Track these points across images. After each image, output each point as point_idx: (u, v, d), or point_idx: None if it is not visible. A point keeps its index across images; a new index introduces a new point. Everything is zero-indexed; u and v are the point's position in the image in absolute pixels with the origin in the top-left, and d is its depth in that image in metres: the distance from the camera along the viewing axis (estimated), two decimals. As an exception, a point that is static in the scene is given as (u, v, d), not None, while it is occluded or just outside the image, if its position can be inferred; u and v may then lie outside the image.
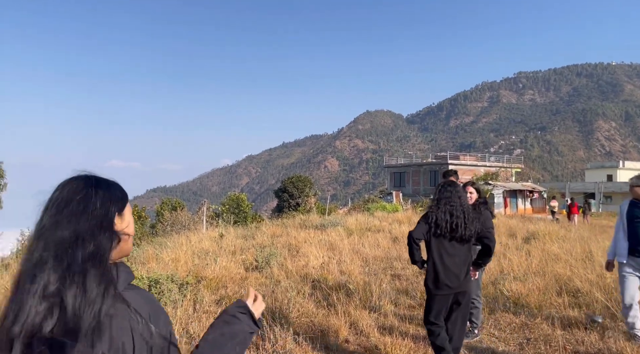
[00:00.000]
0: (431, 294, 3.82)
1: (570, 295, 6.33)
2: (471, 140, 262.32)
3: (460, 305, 3.85)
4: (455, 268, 3.76)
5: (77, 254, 1.06)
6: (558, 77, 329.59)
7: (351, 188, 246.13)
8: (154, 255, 8.40)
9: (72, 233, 1.08)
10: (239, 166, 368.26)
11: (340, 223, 15.25)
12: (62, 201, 1.13)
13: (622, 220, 4.87)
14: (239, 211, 26.50)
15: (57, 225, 1.09)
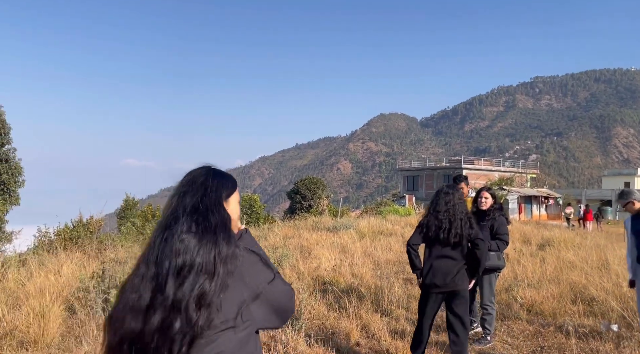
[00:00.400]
0: (422, 292, 4.05)
1: (586, 304, 6.25)
2: (486, 144, 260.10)
3: (454, 310, 3.94)
4: (445, 268, 3.88)
5: (211, 221, 1.51)
6: (576, 83, 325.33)
7: (364, 191, 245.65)
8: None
9: (196, 203, 1.53)
10: (252, 167, 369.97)
11: (353, 225, 15.24)
12: (189, 181, 1.61)
13: (629, 236, 4.80)
14: (251, 212, 26.60)
15: (185, 195, 1.56)
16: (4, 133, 24.51)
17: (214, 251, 1.45)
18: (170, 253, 1.44)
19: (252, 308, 1.48)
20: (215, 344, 1.41)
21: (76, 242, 8.81)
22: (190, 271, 1.42)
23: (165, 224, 1.52)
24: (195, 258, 1.43)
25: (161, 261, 1.44)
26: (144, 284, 1.43)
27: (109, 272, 5.17)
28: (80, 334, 4.49)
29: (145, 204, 21.89)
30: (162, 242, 1.46)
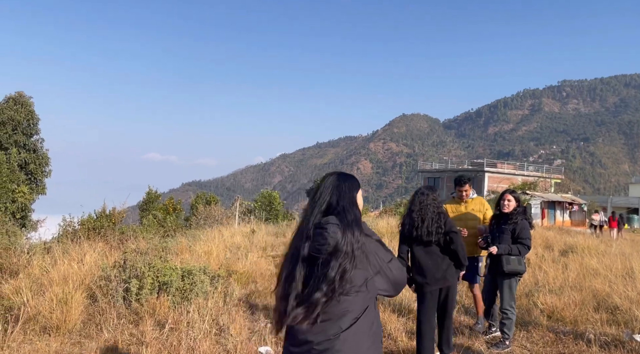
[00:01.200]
0: (417, 294, 4.26)
1: (609, 312, 6.10)
2: (510, 148, 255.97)
3: (446, 304, 4.23)
4: (432, 265, 4.09)
5: (348, 217, 2.02)
6: (605, 87, 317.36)
7: (383, 192, 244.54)
8: (187, 246, 8.59)
9: (335, 202, 2.07)
10: (273, 164, 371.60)
11: (371, 226, 15.19)
12: (327, 185, 2.12)
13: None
14: (270, 209, 26.76)
15: (325, 195, 2.09)
16: (33, 124, 25.18)
17: (353, 240, 1.96)
18: (323, 240, 1.97)
19: (375, 279, 1.99)
20: (345, 304, 1.94)
21: (99, 232, 9.00)
22: (337, 255, 1.93)
23: (309, 218, 2.07)
24: (341, 245, 1.94)
25: (312, 246, 1.98)
26: (298, 262, 1.97)
27: (130, 262, 5.26)
28: (101, 322, 4.58)
29: (166, 198, 22.22)
30: (314, 231, 2.01)
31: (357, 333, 1.97)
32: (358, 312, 1.97)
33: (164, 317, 4.74)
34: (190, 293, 5.12)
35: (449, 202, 5.52)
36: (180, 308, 4.86)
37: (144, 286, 4.98)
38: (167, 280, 5.10)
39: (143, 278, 5.03)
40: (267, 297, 6.26)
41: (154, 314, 4.78)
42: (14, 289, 4.91)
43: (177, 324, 4.53)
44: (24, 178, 22.84)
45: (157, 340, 4.17)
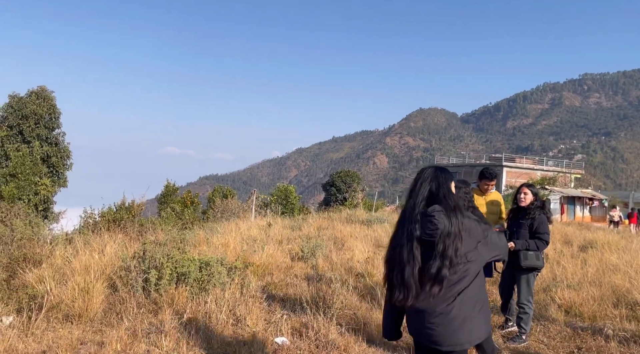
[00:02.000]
0: None
1: (628, 308, 6.01)
2: (529, 142, 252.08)
3: None
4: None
5: (450, 203, 2.46)
6: (628, 80, 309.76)
7: (399, 186, 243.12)
8: (205, 238, 8.70)
9: (436, 191, 2.51)
10: (289, 158, 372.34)
11: (387, 219, 15.15)
12: (426, 177, 2.56)
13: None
14: (286, 203, 26.86)
15: (425, 185, 2.53)
16: (55, 117, 25.67)
17: (458, 222, 2.40)
18: (433, 227, 2.39)
19: (479, 250, 2.46)
20: (458, 274, 2.40)
21: (119, 224, 9.16)
22: (449, 237, 2.37)
23: (414, 205, 2.51)
24: (450, 228, 2.38)
25: (423, 231, 2.42)
26: (414, 244, 2.44)
27: (149, 253, 5.36)
28: (122, 311, 4.69)
29: (184, 191, 22.48)
30: (421, 217, 2.45)
31: (469, 297, 2.43)
32: (468, 280, 2.44)
33: (182, 307, 4.83)
34: (207, 284, 5.20)
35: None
36: (198, 299, 4.94)
37: (163, 277, 5.07)
38: (185, 270, 5.18)
39: (162, 268, 5.12)
40: (283, 289, 6.32)
41: (172, 304, 4.87)
42: (37, 278, 5.04)
43: (195, 314, 4.61)
44: (46, 171, 23.32)
45: (175, 329, 4.25)
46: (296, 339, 4.44)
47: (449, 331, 2.38)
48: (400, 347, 4.44)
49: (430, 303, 2.40)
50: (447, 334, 2.38)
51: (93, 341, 4.05)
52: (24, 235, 6.41)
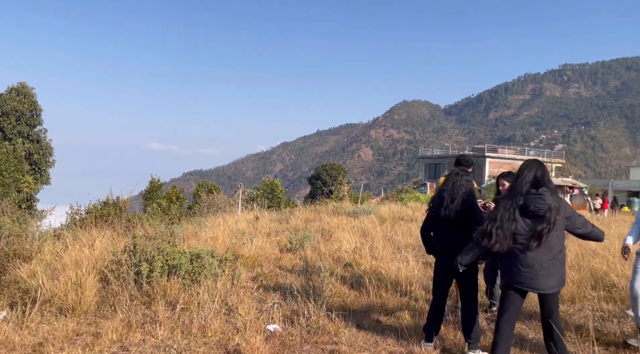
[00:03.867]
0: (436, 267, 4.36)
1: (606, 290, 6.26)
2: (511, 133, 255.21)
3: (463, 287, 4.23)
4: (447, 241, 4.15)
5: (551, 187, 3.61)
6: (606, 71, 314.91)
7: (384, 179, 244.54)
8: (193, 232, 8.76)
9: (540, 176, 3.59)
10: (273, 152, 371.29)
11: (373, 211, 15.35)
12: (530, 167, 3.62)
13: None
14: (272, 197, 26.94)
15: (531, 171, 3.60)
16: (36, 114, 25.28)
17: (558, 200, 3.51)
18: (543, 202, 3.47)
19: (567, 223, 3.62)
20: (554, 239, 3.50)
21: (106, 220, 9.16)
22: (552, 210, 3.44)
23: (521, 187, 3.55)
24: (553, 204, 3.46)
25: (534, 205, 3.49)
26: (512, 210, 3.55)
27: (140, 247, 5.42)
28: (115, 303, 4.76)
29: (168, 187, 22.39)
30: (530, 195, 3.52)
31: (561, 259, 3.61)
32: (561, 246, 3.60)
33: (174, 298, 4.92)
34: (199, 275, 5.29)
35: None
36: (190, 290, 5.03)
37: (155, 269, 5.15)
38: (176, 263, 5.26)
39: (153, 261, 5.19)
40: (273, 279, 6.44)
41: (165, 296, 4.95)
42: (29, 273, 5.08)
43: (187, 304, 4.71)
44: (28, 169, 23.01)
45: (169, 319, 4.34)
46: (288, 326, 4.56)
47: (548, 279, 3.53)
48: (389, 329, 4.60)
49: (538, 259, 3.48)
50: (547, 282, 3.53)
51: (88, 332, 4.12)
52: (12, 231, 6.41)
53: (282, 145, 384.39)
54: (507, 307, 3.67)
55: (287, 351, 3.97)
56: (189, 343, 3.97)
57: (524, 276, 3.54)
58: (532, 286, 3.55)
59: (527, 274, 3.52)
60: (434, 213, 4.23)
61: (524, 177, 3.54)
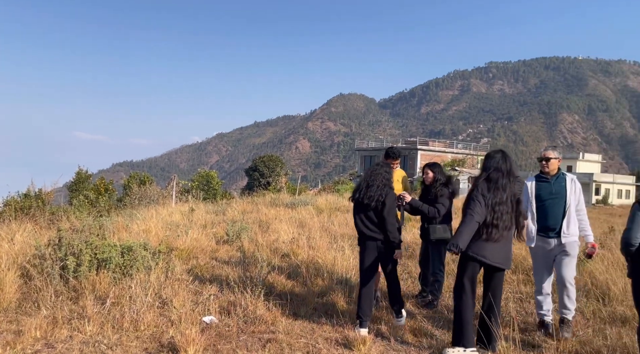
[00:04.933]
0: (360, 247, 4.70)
1: (524, 273, 6.75)
2: (441, 127, 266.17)
3: (387, 263, 4.56)
4: (365, 223, 4.51)
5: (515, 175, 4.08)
6: (527, 69, 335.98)
7: (322, 171, 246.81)
8: (124, 225, 8.42)
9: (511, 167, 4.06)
10: (209, 143, 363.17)
11: (311, 202, 15.48)
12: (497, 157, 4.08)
13: (530, 200, 4.56)
14: (208, 188, 26.40)
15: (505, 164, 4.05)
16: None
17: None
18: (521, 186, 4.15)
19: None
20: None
21: (27, 213, 8.58)
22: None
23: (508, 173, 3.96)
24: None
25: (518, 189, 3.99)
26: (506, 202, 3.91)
27: (65, 240, 5.14)
28: (38, 300, 4.49)
29: (97, 178, 21.29)
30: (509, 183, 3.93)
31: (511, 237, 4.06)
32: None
33: (104, 293, 4.72)
34: (131, 268, 5.11)
35: None
36: (121, 284, 4.85)
37: (82, 264, 4.91)
38: (106, 256, 5.05)
39: (81, 255, 4.94)
40: (209, 271, 6.35)
41: (94, 291, 4.74)
42: (-62, 271, 4.67)
43: (118, 298, 4.54)
44: None
45: (99, 314, 4.17)
46: (224, 317, 4.53)
47: (508, 256, 3.96)
48: (325, 316, 4.69)
49: (504, 240, 3.88)
50: (507, 258, 3.95)
51: (9, 330, 3.87)
52: None
53: (218, 136, 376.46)
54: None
55: (224, 341, 3.95)
56: (120, 338, 3.84)
57: (494, 253, 3.91)
58: (497, 261, 3.90)
59: (497, 250, 3.91)
60: (353, 199, 4.61)
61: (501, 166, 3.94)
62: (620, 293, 5.35)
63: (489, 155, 4.13)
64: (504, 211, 3.86)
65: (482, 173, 4.05)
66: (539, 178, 4.62)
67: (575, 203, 4.47)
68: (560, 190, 4.48)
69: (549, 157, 4.53)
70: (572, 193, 4.46)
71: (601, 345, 4.07)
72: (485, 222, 3.84)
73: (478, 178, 4.04)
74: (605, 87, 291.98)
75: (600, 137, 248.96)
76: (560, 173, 4.58)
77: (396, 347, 4.03)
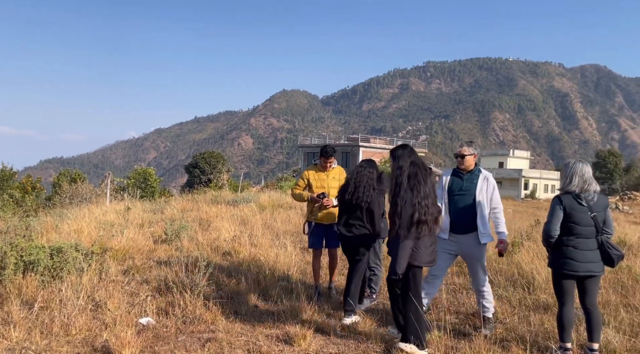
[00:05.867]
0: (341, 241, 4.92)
1: (458, 266, 7.06)
2: (382, 124, 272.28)
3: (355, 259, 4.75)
4: (351, 221, 4.65)
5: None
6: (462, 69, 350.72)
7: (265, 167, 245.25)
8: (53, 225, 7.99)
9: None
10: (147, 139, 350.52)
11: (253, 199, 15.36)
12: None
13: (443, 194, 4.59)
14: (146, 186, 25.48)
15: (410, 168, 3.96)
16: None
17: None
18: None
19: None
20: None
21: (-58, 214, 7.91)
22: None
23: (417, 170, 3.88)
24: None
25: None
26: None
27: (-13, 242, 4.81)
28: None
29: (23, 176, 20.00)
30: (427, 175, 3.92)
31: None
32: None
33: (32, 297, 4.47)
34: (61, 271, 4.86)
35: (311, 168, 5.74)
36: (51, 287, 4.61)
37: (7, 267, 4.62)
38: (33, 258, 4.78)
39: (5, 258, 4.65)
40: (146, 272, 6.16)
41: (20, 295, 4.48)
42: None
43: (48, 302, 4.32)
44: None
45: (26, 319, 3.95)
46: (162, 318, 4.43)
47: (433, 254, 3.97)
48: (266, 314, 4.71)
49: (432, 236, 3.92)
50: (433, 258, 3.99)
51: None
52: None
53: (156, 132, 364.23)
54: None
55: (161, 342, 3.87)
56: (49, 343, 3.66)
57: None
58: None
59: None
60: (342, 200, 4.69)
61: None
62: (544, 282, 5.73)
63: (399, 153, 3.99)
64: (430, 204, 3.81)
65: (397, 171, 3.90)
66: (455, 172, 4.63)
67: (486, 200, 4.43)
68: (471, 186, 4.46)
69: (463, 154, 4.51)
70: (481, 191, 4.42)
71: (525, 331, 4.36)
72: (413, 220, 3.76)
73: (397, 177, 3.87)
74: (533, 87, 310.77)
75: (528, 134, 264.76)
76: (476, 170, 4.55)
77: (335, 341, 4.12)
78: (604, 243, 3.75)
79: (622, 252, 3.81)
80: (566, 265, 3.77)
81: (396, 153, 4.00)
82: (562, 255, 3.79)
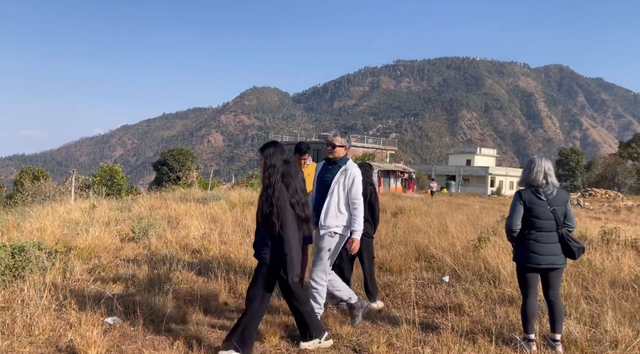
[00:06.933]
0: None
1: (427, 261, 7.21)
2: (353, 122, 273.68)
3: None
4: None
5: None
6: (431, 68, 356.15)
7: (235, 165, 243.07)
8: (15, 224, 7.71)
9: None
10: (113, 136, 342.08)
11: (223, 197, 15.21)
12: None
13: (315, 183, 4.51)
14: (112, 184, 24.90)
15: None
16: None
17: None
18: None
19: None
20: None
21: None
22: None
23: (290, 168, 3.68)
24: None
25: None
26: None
27: (-57, 242, 4.61)
28: None
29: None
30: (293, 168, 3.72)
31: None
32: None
33: (-8, 298, 4.31)
34: (23, 270, 4.71)
35: None
36: (12, 287, 4.46)
37: (-36, 267, 4.44)
38: (-7, 258, 4.61)
39: (-38, 258, 4.47)
40: (113, 270, 6.03)
41: (-21, 296, 4.31)
42: None
43: (9, 302, 4.17)
44: None
45: (-15, 322, 3.81)
46: (130, 317, 4.35)
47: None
48: (236, 310, 4.68)
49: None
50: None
51: None
52: None
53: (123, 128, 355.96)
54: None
55: (129, 341, 3.79)
56: (11, 344, 3.54)
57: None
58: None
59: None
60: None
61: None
62: (509, 275, 5.90)
63: (270, 151, 3.67)
64: (303, 201, 3.67)
65: (271, 169, 3.59)
66: (325, 162, 4.45)
67: (342, 194, 4.18)
68: (330, 176, 4.26)
69: (334, 144, 4.29)
70: (336, 183, 4.19)
71: (491, 323, 4.48)
72: (300, 217, 3.62)
73: (270, 176, 3.58)
74: (500, 86, 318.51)
75: (495, 133, 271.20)
76: (340, 160, 4.31)
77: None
78: (564, 236, 3.89)
79: (582, 245, 3.95)
80: (529, 258, 3.89)
81: (267, 151, 3.67)
82: (525, 249, 3.92)
